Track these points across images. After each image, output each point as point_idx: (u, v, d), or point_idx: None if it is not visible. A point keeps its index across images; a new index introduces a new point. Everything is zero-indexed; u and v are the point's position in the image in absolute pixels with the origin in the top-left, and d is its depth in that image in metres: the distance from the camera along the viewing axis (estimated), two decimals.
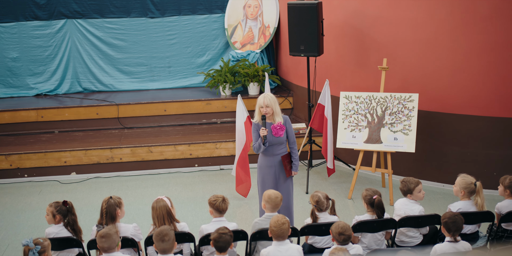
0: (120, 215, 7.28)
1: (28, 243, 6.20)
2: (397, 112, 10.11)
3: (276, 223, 6.69)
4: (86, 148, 11.78)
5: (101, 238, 6.45)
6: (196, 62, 14.62)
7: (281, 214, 6.99)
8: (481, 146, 10.23)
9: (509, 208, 7.55)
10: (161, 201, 7.27)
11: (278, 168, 8.63)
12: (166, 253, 6.47)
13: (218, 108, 13.26)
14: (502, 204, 7.67)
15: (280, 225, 6.67)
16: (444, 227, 6.76)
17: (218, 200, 7.33)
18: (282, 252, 6.67)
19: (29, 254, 6.18)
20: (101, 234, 6.47)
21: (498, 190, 7.82)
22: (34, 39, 14.04)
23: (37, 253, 6.19)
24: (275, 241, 6.74)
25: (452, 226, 6.71)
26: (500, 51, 9.77)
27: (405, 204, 7.66)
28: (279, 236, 6.70)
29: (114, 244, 6.49)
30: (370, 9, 10.86)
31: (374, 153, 10.29)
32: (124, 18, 14.30)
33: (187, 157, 11.94)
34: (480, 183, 7.60)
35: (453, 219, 6.73)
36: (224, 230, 6.60)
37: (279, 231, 6.68)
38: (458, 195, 7.71)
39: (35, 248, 6.19)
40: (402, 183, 7.70)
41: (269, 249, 6.73)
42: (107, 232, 6.48)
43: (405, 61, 10.57)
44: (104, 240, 6.44)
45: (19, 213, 10.24)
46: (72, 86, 14.31)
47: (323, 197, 7.40)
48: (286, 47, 13.06)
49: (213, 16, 14.53)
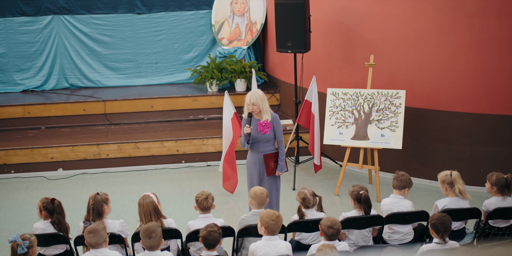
0: (107, 211, 7.29)
1: (15, 239, 6.20)
2: (384, 108, 10.13)
3: (272, 216, 6.66)
4: (73, 144, 11.76)
5: (89, 233, 6.45)
6: (183, 58, 14.61)
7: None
8: (468, 142, 10.27)
9: (496, 205, 7.56)
10: (147, 197, 7.26)
11: (262, 166, 8.65)
12: (153, 250, 6.45)
13: (205, 105, 13.25)
14: (490, 201, 7.67)
15: (276, 218, 6.67)
16: (433, 228, 6.68)
17: (201, 198, 7.33)
18: (271, 248, 6.67)
19: (18, 250, 6.17)
20: (89, 230, 6.48)
21: (486, 187, 7.83)
22: (20, 35, 14.00)
23: (26, 248, 6.19)
24: (266, 236, 6.73)
25: (440, 227, 6.64)
26: (487, 48, 9.80)
27: (395, 202, 7.63)
28: (274, 231, 6.70)
29: (102, 239, 6.49)
30: (358, 6, 10.87)
31: (361, 150, 10.31)
32: (111, 14, 14.28)
33: (174, 153, 11.93)
34: (456, 172, 7.62)
35: (441, 220, 6.66)
36: (213, 228, 6.58)
37: (275, 225, 6.67)
38: (447, 194, 7.71)
39: (23, 243, 6.20)
40: (402, 178, 7.67)
41: (258, 244, 6.72)
42: (95, 228, 6.48)
43: (392, 58, 10.60)
44: (92, 235, 6.44)
45: (6, 209, 10.21)
46: (59, 82, 14.28)
47: (309, 194, 7.38)
48: (273, 44, 13.07)
49: (200, 12, 14.53)
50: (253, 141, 8.58)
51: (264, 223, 6.70)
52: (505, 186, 7.62)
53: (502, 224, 7.61)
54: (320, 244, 6.23)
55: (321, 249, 6.02)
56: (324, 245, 6.09)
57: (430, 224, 6.76)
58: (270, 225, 6.66)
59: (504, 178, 7.62)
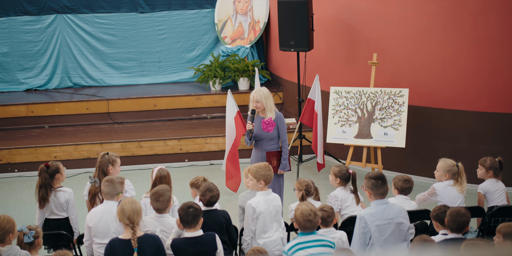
0: (112, 172, 7.54)
1: (22, 229, 6.37)
2: (387, 107, 10.13)
3: (265, 168, 7.04)
4: (76, 143, 11.78)
5: (105, 181, 6.83)
6: (186, 57, 14.62)
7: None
8: (470, 141, 10.27)
9: (493, 187, 7.96)
10: (165, 170, 7.45)
11: None
12: (160, 213, 6.71)
13: (208, 103, 13.27)
14: (485, 183, 8.03)
15: (269, 167, 7.07)
16: (436, 221, 6.77)
17: (200, 180, 7.46)
18: (269, 202, 6.99)
19: (24, 239, 6.33)
20: (107, 179, 6.86)
21: (478, 173, 8.10)
22: (24, 34, 14.03)
23: (32, 238, 6.33)
24: (262, 191, 7.04)
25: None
26: (489, 46, 9.80)
27: (402, 203, 7.65)
28: (269, 182, 7.06)
29: (114, 192, 6.82)
30: (360, 4, 10.88)
31: (364, 148, 10.32)
32: (114, 13, 14.30)
33: (177, 152, 11.94)
34: (461, 165, 7.82)
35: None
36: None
37: (270, 175, 7.03)
38: (442, 180, 7.82)
39: (30, 232, 6.35)
40: (411, 184, 7.70)
41: (257, 199, 6.99)
42: (112, 179, 6.87)
43: (395, 56, 10.60)
44: (107, 184, 6.79)
45: (9, 208, 10.23)
46: (62, 81, 14.30)
47: (311, 182, 7.54)
48: (276, 42, 13.07)
49: (203, 11, 14.55)
50: (256, 138, 8.61)
51: (260, 176, 7.00)
52: (499, 168, 8.03)
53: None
54: (250, 249, 6.21)
55: (250, 254, 6.03)
56: (254, 250, 6.08)
57: (432, 217, 6.83)
58: (268, 175, 7.02)
59: (498, 162, 8.02)
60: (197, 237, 6.28)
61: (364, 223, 6.40)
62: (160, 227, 6.65)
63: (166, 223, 6.68)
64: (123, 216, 6.01)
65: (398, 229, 6.47)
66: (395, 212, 6.47)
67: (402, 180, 7.68)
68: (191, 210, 6.25)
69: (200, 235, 6.32)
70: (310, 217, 6.16)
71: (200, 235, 6.32)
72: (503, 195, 7.95)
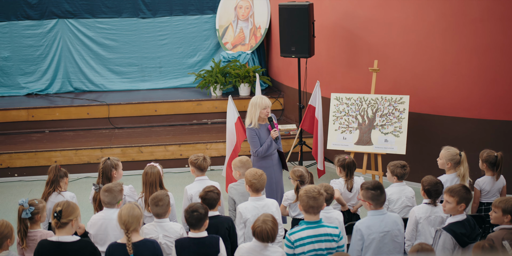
0: (116, 176, 7.59)
1: (23, 203, 6.54)
2: (388, 114, 10.13)
3: (254, 175, 7.01)
4: (77, 148, 11.78)
5: (104, 192, 6.83)
6: (187, 62, 14.63)
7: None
8: (472, 148, 10.25)
9: (489, 186, 8.00)
10: (155, 167, 7.45)
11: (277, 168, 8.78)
12: (160, 217, 6.68)
13: (208, 109, 13.27)
14: (482, 179, 8.06)
15: (259, 177, 6.99)
16: (426, 193, 7.08)
17: (200, 159, 7.64)
18: (259, 209, 6.95)
19: (22, 214, 6.50)
20: (105, 188, 6.85)
21: (479, 165, 8.16)
22: (25, 39, 14.04)
23: (29, 214, 6.49)
24: (253, 197, 7.05)
25: (434, 193, 7.04)
26: (491, 54, 9.80)
27: (402, 190, 7.88)
28: (257, 189, 7.00)
29: (114, 200, 6.87)
30: (361, 11, 10.88)
31: (365, 155, 10.31)
32: (116, 18, 14.31)
33: (177, 158, 11.94)
34: (464, 154, 7.91)
35: (435, 187, 7.05)
36: (210, 188, 6.85)
37: (258, 183, 6.98)
38: (444, 168, 7.94)
39: (28, 208, 6.49)
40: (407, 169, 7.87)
41: (246, 205, 7.00)
42: (111, 188, 6.88)
43: (396, 63, 10.60)
44: (107, 194, 6.81)
45: (9, 212, 10.22)
46: (63, 86, 14.31)
47: (304, 171, 7.59)
48: (277, 48, 13.07)
49: (205, 17, 14.56)
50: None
51: (247, 182, 7.02)
52: (494, 163, 7.96)
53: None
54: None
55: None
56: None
57: (423, 188, 7.10)
58: (253, 183, 6.97)
59: (494, 156, 7.95)
60: (200, 238, 6.32)
61: (360, 236, 6.45)
62: (162, 232, 6.64)
63: (168, 228, 6.68)
64: (120, 221, 6.10)
65: (393, 242, 6.53)
66: (392, 224, 6.53)
67: (400, 166, 7.80)
68: (195, 214, 6.29)
69: (204, 236, 6.35)
70: (314, 194, 6.20)
71: (204, 237, 6.35)
72: (497, 195, 8.03)
